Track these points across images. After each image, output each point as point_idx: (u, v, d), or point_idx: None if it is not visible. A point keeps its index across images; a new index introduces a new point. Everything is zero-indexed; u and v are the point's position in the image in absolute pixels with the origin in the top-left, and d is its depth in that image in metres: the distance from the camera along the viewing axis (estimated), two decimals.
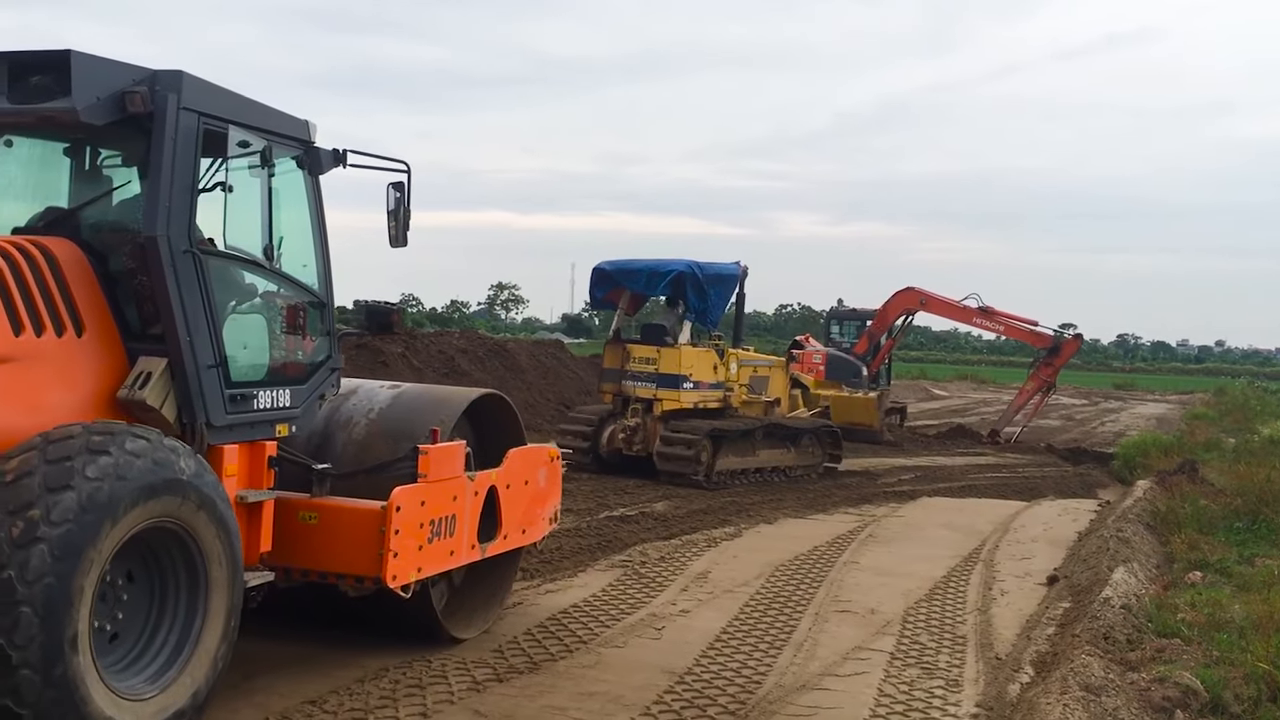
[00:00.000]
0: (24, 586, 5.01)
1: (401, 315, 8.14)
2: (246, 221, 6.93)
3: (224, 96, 6.72)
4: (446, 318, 78.20)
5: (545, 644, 8.50)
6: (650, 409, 17.73)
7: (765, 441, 18.76)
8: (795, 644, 8.94)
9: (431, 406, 8.22)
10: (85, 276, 6.27)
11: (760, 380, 19.55)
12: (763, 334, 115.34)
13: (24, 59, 6.19)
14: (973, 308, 29.24)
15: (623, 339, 18.56)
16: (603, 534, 12.99)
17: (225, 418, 6.63)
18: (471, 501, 8.07)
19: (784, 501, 16.78)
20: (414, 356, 25.82)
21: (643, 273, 18.19)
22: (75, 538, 5.16)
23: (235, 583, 6.18)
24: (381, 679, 7.39)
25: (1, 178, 7.00)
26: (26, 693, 5.02)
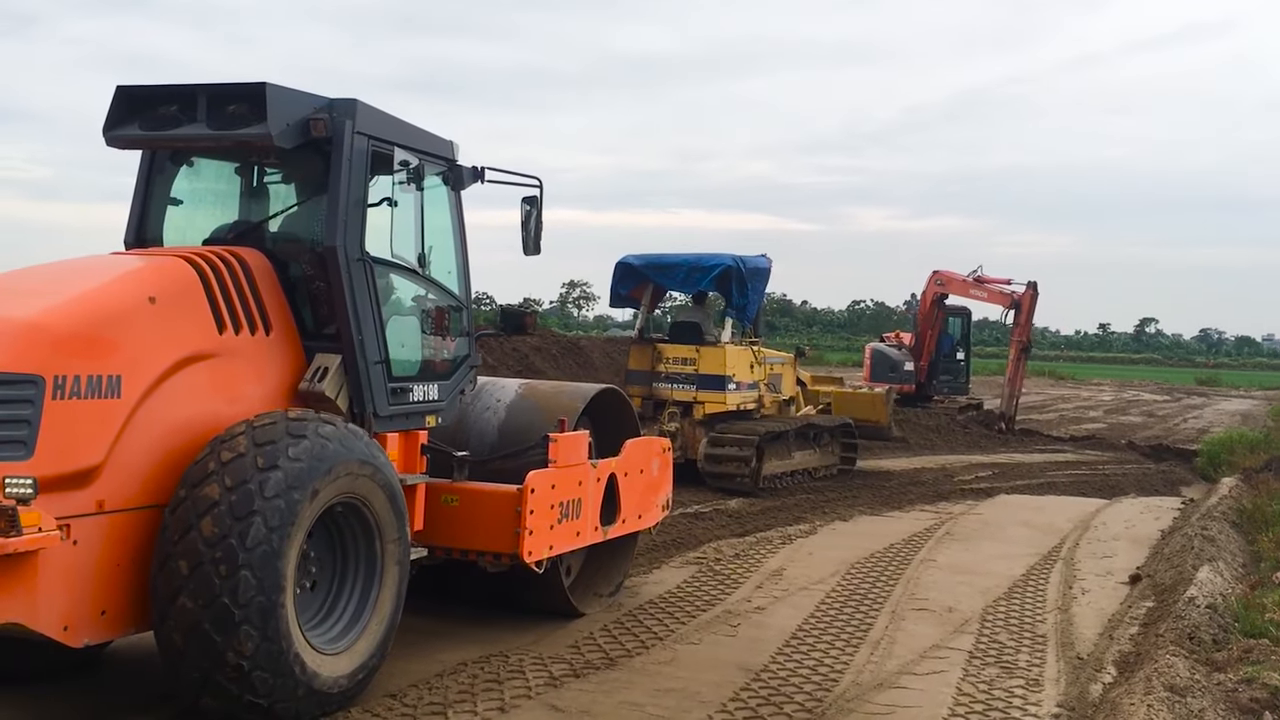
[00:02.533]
0: (244, 553, 5.81)
1: (535, 317, 8.74)
2: (404, 232, 7.64)
3: (388, 121, 7.47)
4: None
5: (621, 640, 8.59)
6: (689, 412, 16.77)
7: (797, 443, 17.95)
8: (872, 642, 8.90)
9: (558, 399, 8.98)
10: (271, 282, 7.05)
11: (776, 378, 18.54)
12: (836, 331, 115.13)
13: (222, 90, 6.98)
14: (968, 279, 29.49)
15: (650, 338, 17.68)
16: (677, 531, 13.02)
17: (388, 408, 7.40)
18: (594, 487, 8.81)
19: (859, 499, 16.78)
20: (488, 355, 26.12)
21: (681, 267, 17.28)
22: (284, 510, 5.96)
23: (405, 552, 6.95)
24: (460, 673, 7.54)
25: (187, 195, 7.80)
26: (246, 645, 5.81)
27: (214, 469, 5.98)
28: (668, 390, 16.83)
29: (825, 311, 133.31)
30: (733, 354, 16.88)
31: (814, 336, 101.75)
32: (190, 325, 6.43)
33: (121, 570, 5.99)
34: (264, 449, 6.04)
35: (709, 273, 17.00)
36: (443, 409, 8.04)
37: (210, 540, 5.82)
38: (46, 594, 5.56)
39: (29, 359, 5.57)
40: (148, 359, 6.09)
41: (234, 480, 5.92)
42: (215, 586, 5.79)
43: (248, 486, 5.90)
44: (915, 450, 24.00)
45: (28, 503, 5.25)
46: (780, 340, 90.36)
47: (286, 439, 6.11)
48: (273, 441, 6.08)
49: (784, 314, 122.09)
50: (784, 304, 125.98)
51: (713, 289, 17.49)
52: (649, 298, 17.95)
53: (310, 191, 7.54)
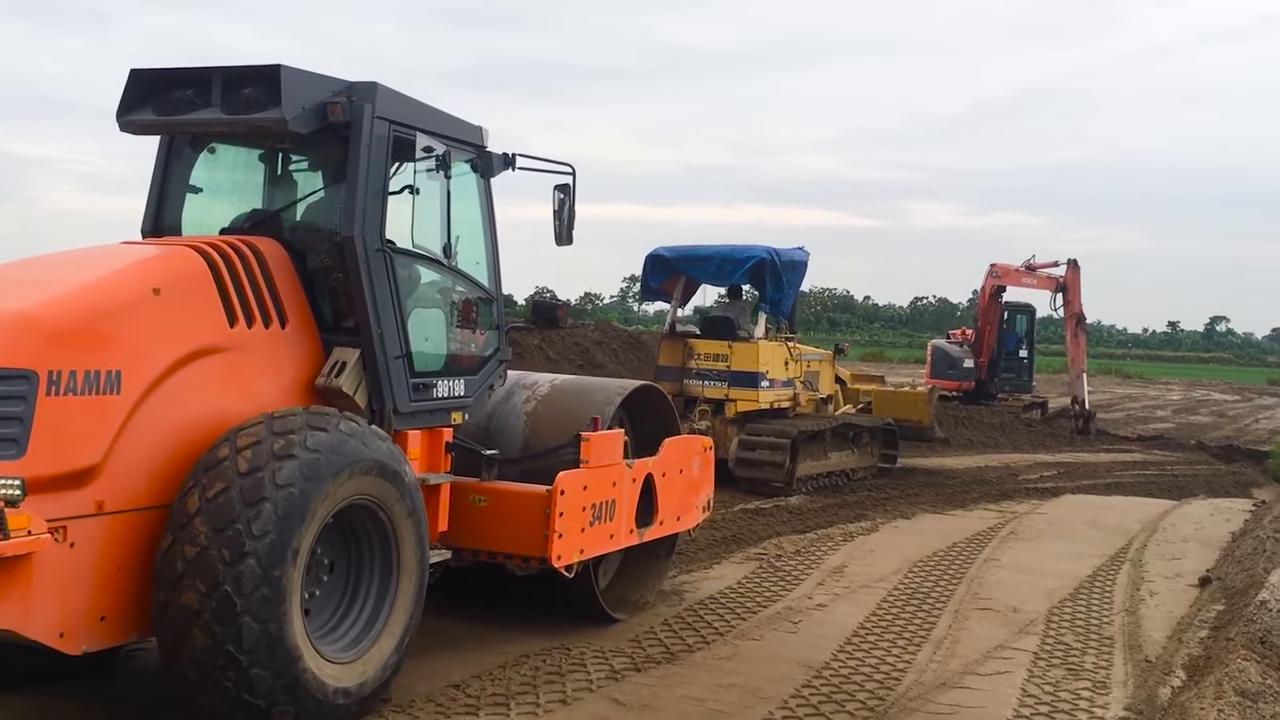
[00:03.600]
0: (251, 540, 5.55)
1: (567, 310, 8.41)
2: (428, 222, 7.35)
3: (411, 105, 7.17)
4: (580, 310, 79.30)
5: (682, 635, 8.57)
6: (721, 410, 16.21)
7: (833, 443, 17.27)
8: (935, 641, 8.85)
9: (592, 396, 8.64)
10: (287, 273, 6.77)
11: (812, 375, 17.82)
12: (898, 327, 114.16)
13: (237, 74, 6.72)
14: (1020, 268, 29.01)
15: (681, 333, 17.15)
16: (738, 527, 13.00)
17: (409, 405, 7.10)
18: (630, 488, 8.47)
19: (921, 497, 16.61)
20: (549, 348, 26.21)
21: (713, 260, 16.67)
22: (296, 499, 5.69)
23: (423, 557, 6.65)
24: (522, 665, 7.55)
25: (207, 183, 7.53)
26: (247, 638, 5.53)
27: (227, 455, 5.75)
28: (699, 387, 16.26)
29: (887, 308, 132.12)
30: (766, 350, 16.32)
31: (875, 333, 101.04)
32: (198, 318, 6.15)
33: (123, 573, 5.72)
34: (282, 437, 5.80)
35: (742, 265, 16.46)
36: (469, 405, 7.74)
37: (217, 525, 5.57)
38: (40, 599, 5.31)
39: (21, 353, 5.30)
40: (150, 353, 5.82)
41: (247, 466, 5.69)
42: (219, 573, 5.52)
43: (260, 474, 5.66)
44: (978, 448, 23.87)
45: (17, 504, 4.99)
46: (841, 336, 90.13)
47: (306, 430, 5.88)
48: (291, 431, 5.85)
49: (845, 310, 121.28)
50: (845, 300, 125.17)
51: (746, 282, 16.99)
52: (680, 291, 17.39)
53: (330, 179, 7.27)
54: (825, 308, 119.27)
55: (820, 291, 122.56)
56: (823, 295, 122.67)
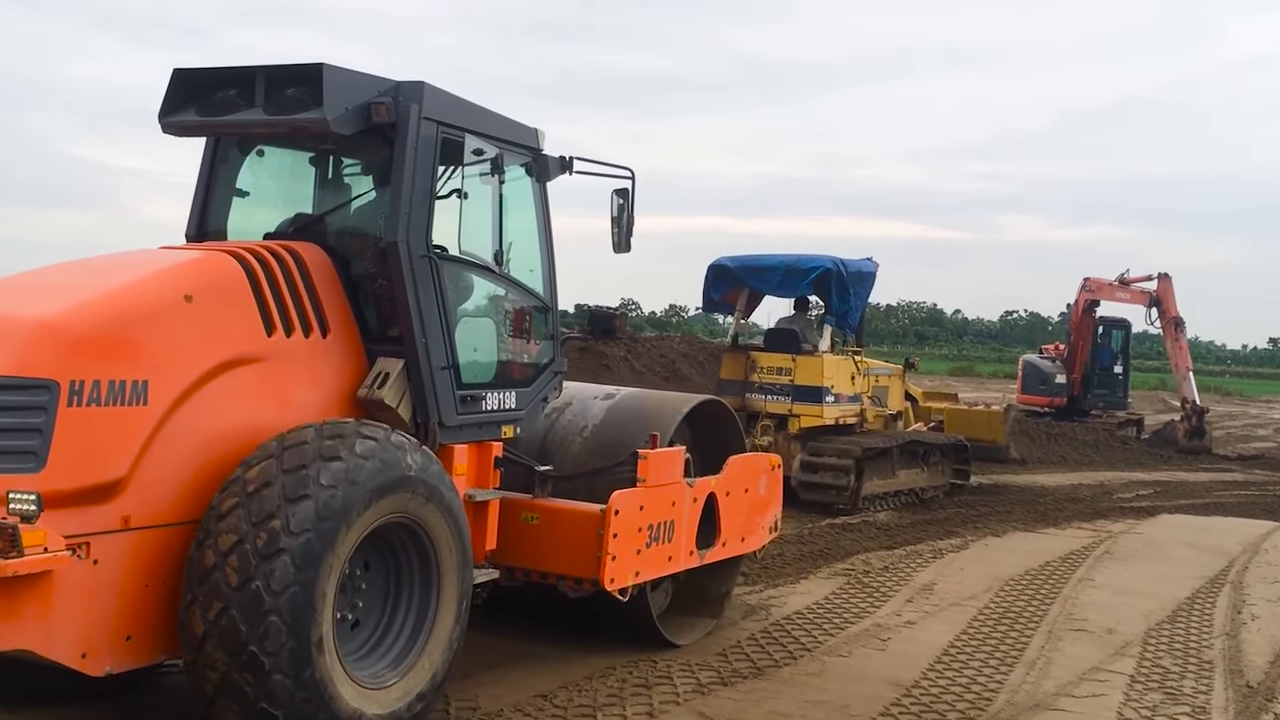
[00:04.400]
0: (271, 596, 5.24)
1: (624, 320, 8.11)
2: (478, 227, 7.08)
3: (461, 106, 6.89)
4: (665, 321, 79.11)
5: (769, 649, 8.48)
6: (784, 426, 15.69)
7: (901, 460, 16.66)
8: (1027, 661, 8.66)
9: (651, 412, 8.30)
10: (330, 280, 6.52)
11: (881, 390, 17.23)
12: (988, 341, 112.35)
13: (279, 72, 6.48)
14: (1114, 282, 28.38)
15: (744, 345, 16.72)
16: (825, 541, 12.92)
17: (456, 418, 6.81)
18: (690, 508, 8.10)
19: (1012, 514, 16.25)
20: (635, 360, 26.24)
21: (777, 270, 16.14)
22: (315, 545, 5.36)
23: (465, 570, 6.34)
24: (609, 677, 7.53)
25: (254, 186, 7.31)
26: (280, 695, 5.26)
27: (238, 500, 5.43)
28: (761, 401, 15.74)
29: (976, 322, 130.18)
30: (831, 364, 15.79)
31: (965, 347, 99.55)
32: (233, 326, 5.91)
33: (150, 592, 5.49)
34: (292, 476, 5.45)
35: (806, 276, 15.94)
36: (521, 418, 7.43)
37: (235, 584, 5.27)
38: (61, 618, 5.08)
39: (41, 362, 5.08)
40: (180, 363, 5.58)
41: (258, 515, 5.36)
42: (242, 634, 5.24)
43: (273, 522, 5.33)
44: (1071, 466, 23.53)
45: (33, 520, 4.76)
46: (929, 350, 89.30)
47: (318, 463, 5.51)
48: (303, 466, 5.49)
49: (933, 324, 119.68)
50: (934, 314, 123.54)
51: (810, 293, 16.44)
52: (744, 302, 16.92)
53: (376, 182, 7.01)
54: (913, 321, 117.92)
55: (908, 305, 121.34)
56: (910, 309, 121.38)
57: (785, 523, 13.42)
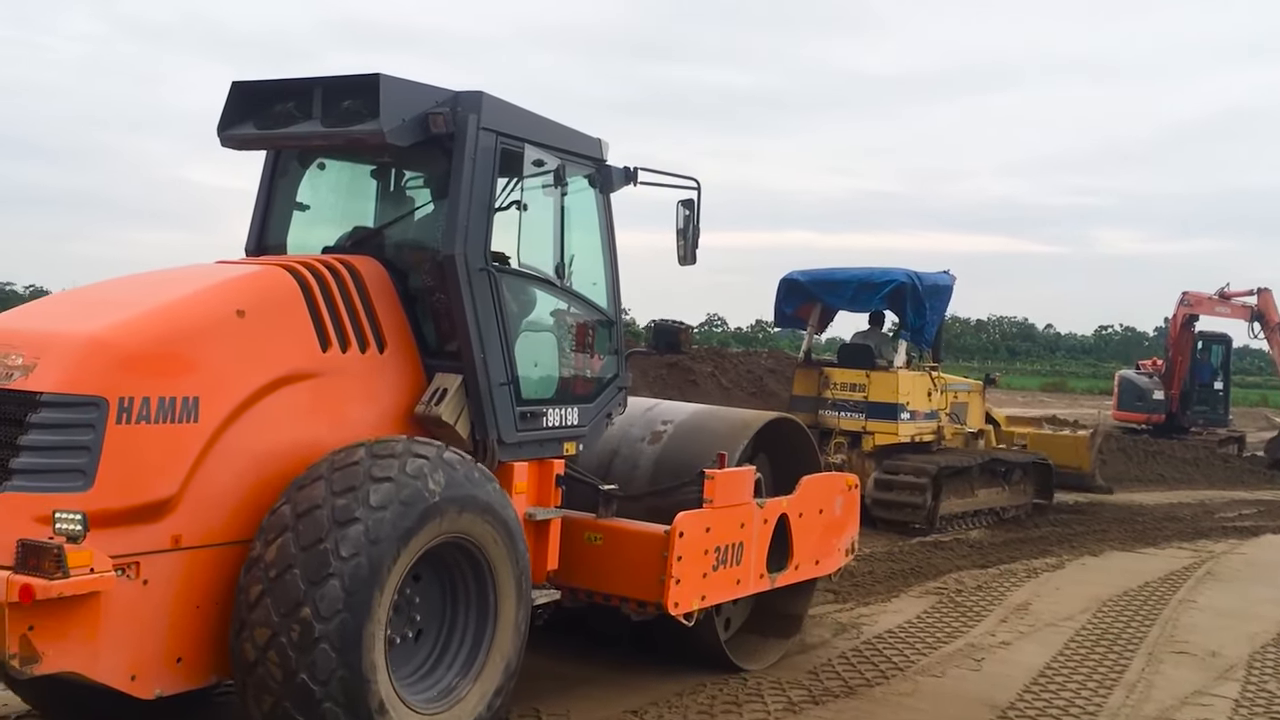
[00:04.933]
0: (321, 623, 5.11)
1: (690, 333, 7.99)
2: (539, 240, 6.95)
3: (521, 116, 6.75)
4: (751, 337, 78.52)
5: (860, 668, 8.40)
6: (858, 443, 15.47)
7: (980, 479, 16.16)
8: (1127, 684, 8.44)
9: (720, 430, 8.06)
10: (388, 294, 6.40)
11: (960, 407, 16.79)
12: (1081, 357, 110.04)
13: (336, 84, 6.38)
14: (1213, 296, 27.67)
15: (816, 361, 16.47)
16: (916, 559, 12.80)
17: (515, 435, 6.65)
18: (760, 530, 7.84)
19: (1109, 533, 15.84)
20: (723, 376, 26.17)
21: (850, 284, 15.89)
22: (365, 570, 5.22)
23: (523, 590, 6.16)
24: (699, 693, 7.51)
25: (314, 200, 7.23)
26: (322, 668, 5.10)
27: (288, 522, 5.31)
28: (834, 418, 15.51)
29: (1069, 337, 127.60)
30: (906, 380, 15.44)
31: (1058, 362, 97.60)
32: (287, 342, 5.79)
33: (201, 612, 5.38)
34: (342, 499, 5.32)
35: (880, 290, 15.60)
36: (584, 435, 7.24)
37: (284, 610, 5.15)
38: (109, 640, 4.97)
39: (90, 379, 4.99)
40: (232, 379, 5.47)
41: (308, 538, 5.23)
42: (292, 662, 5.11)
43: (322, 546, 5.20)
44: (1170, 484, 22.99)
45: (78, 541, 4.66)
46: (1020, 366, 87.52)
47: (368, 484, 5.37)
48: (352, 488, 5.35)
49: (1025, 339, 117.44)
50: (1025, 328, 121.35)
51: (885, 307, 16.05)
52: (817, 317, 16.58)
53: (435, 195, 6.89)
54: (1004, 336, 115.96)
55: (999, 320, 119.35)
56: (1001, 323, 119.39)
57: (872, 541, 13.63)
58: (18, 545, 4.63)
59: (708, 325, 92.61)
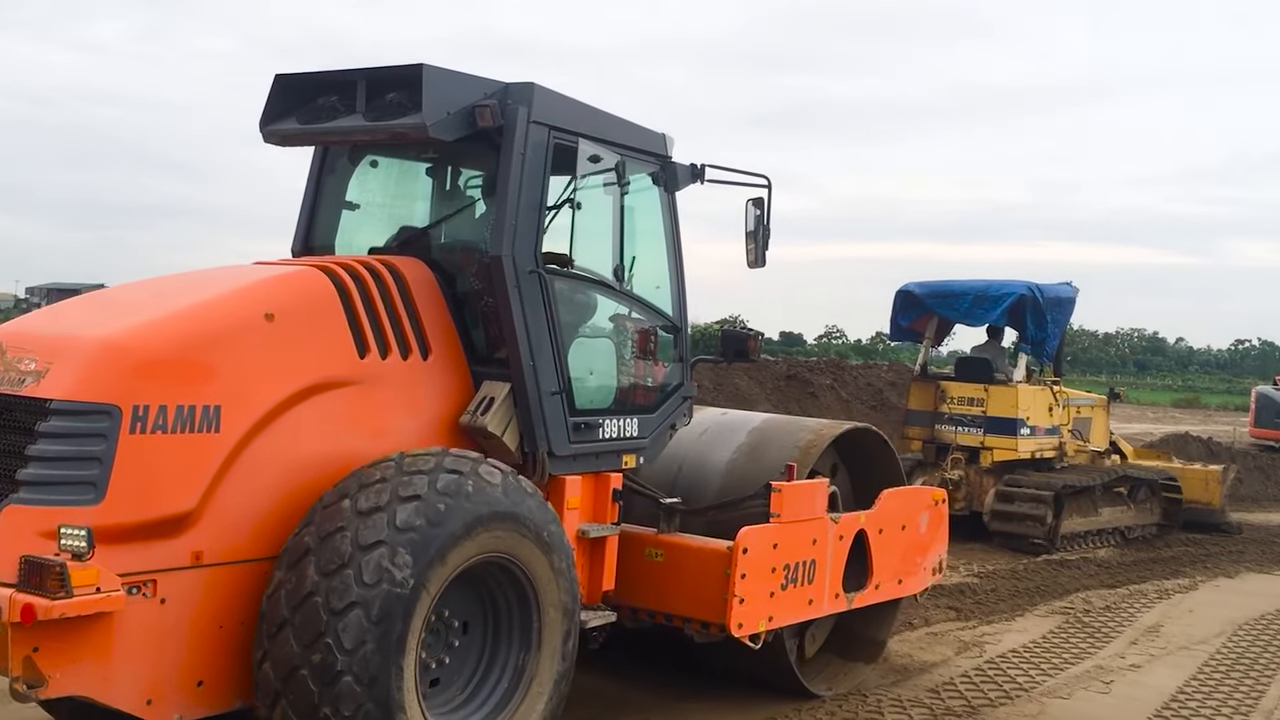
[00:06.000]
0: (344, 656, 4.80)
1: (759, 341, 7.55)
2: (596, 241, 6.60)
3: (576, 109, 6.39)
4: (871, 349, 77.19)
5: (983, 688, 8.20)
6: (975, 459, 15.03)
7: (1104, 497, 15.59)
8: (1264, 711, 8.16)
9: (791, 440, 7.60)
10: (433, 297, 6.07)
11: (1083, 423, 16.33)
12: (1215, 371, 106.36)
13: (381, 75, 6.07)
14: None
15: (933, 375, 16.09)
16: (1041, 578, 12.53)
17: (568, 447, 6.27)
18: (835, 546, 7.38)
19: (1245, 554, 15.25)
20: (842, 388, 25.72)
21: (968, 296, 15.47)
22: (391, 597, 4.90)
23: (571, 612, 5.79)
24: (818, 710, 7.43)
25: (364, 199, 6.94)
26: (346, 703, 4.81)
27: (310, 545, 5.00)
28: (951, 433, 15.14)
29: (1203, 351, 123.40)
30: (1026, 394, 14.98)
31: (1190, 377, 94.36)
32: (321, 347, 5.48)
33: (225, 633, 5.09)
34: (367, 520, 4.99)
35: (999, 303, 15.16)
36: (645, 447, 6.83)
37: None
38: (123, 662, 4.70)
39: (102, 386, 4.72)
40: (258, 387, 5.16)
41: (330, 563, 4.91)
42: (314, 697, 4.80)
43: (345, 572, 4.87)
44: None
45: (83, 558, 4.39)
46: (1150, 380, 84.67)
47: (395, 504, 5.03)
48: (378, 509, 5.02)
49: (1155, 352, 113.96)
50: (1155, 342, 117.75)
51: (1004, 321, 15.58)
52: (933, 330, 16.17)
53: (485, 193, 6.56)
54: (1133, 350, 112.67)
55: (1128, 333, 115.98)
56: (1130, 336, 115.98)
57: (995, 559, 13.49)
58: (21, 562, 4.38)
59: (826, 337, 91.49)
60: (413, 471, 5.18)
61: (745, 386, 24.11)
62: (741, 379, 24.26)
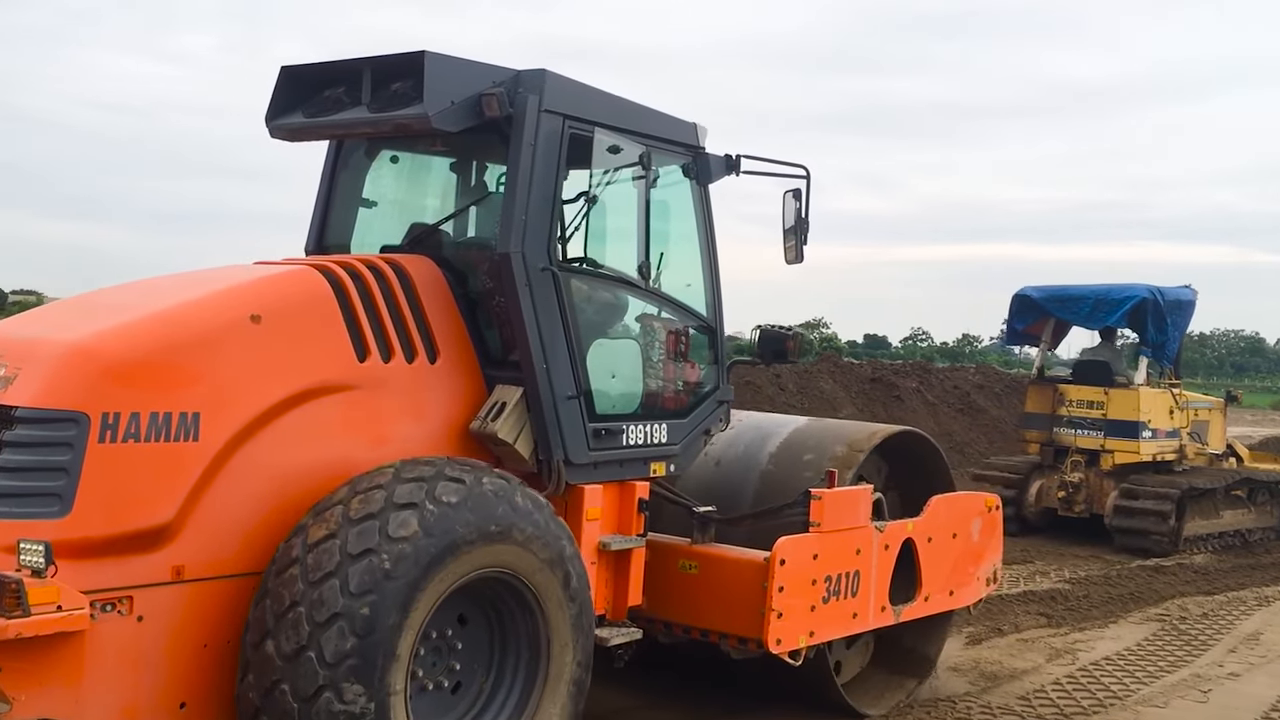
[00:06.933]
0: (326, 669, 4.53)
1: (798, 341, 7.11)
2: (618, 236, 6.30)
3: (595, 98, 6.05)
4: (958, 351, 75.85)
5: (1076, 696, 8.05)
6: (1095, 462, 15.05)
7: (1226, 500, 15.62)
8: None
9: (833, 445, 7.21)
10: (442, 297, 5.78)
11: (1200, 426, 16.25)
12: None
13: (385, 64, 5.78)
14: None
15: (1050, 378, 16.10)
16: (1135, 584, 12.35)
17: (587, 454, 5.93)
18: (881, 557, 6.96)
19: None
20: (928, 391, 25.36)
21: (1088, 300, 15.52)
22: (409, 558, 4.66)
23: (582, 632, 5.42)
24: (906, 716, 7.37)
25: (381, 195, 6.67)
26: None
27: (297, 554, 4.73)
28: (1070, 436, 15.21)
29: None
30: (1148, 397, 15.02)
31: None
32: (314, 350, 5.20)
33: (210, 653, 4.82)
34: (358, 527, 4.70)
35: (1120, 306, 15.23)
36: (675, 454, 6.47)
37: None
38: (95, 683, 4.45)
39: (68, 393, 4.48)
40: (242, 392, 4.89)
41: (317, 571, 4.64)
42: (294, 712, 4.52)
43: (332, 581, 4.59)
44: None
45: (43, 574, 4.14)
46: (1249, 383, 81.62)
47: (390, 511, 4.75)
48: (371, 515, 4.73)
49: (1254, 354, 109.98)
50: (1254, 343, 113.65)
51: (1124, 324, 15.70)
52: (1049, 333, 16.25)
53: (498, 187, 6.24)
54: (1230, 351, 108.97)
55: (1224, 334, 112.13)
56: (1227, 338, 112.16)
57: (1087, 564, 13.30)
58: None
59: (911, 340, 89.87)
60: (410, 479, 4.89)
61: (830, 390, 23.65)
62: (826, 382, 23.81)
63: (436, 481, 4.89)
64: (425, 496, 4.80)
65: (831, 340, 57.02)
